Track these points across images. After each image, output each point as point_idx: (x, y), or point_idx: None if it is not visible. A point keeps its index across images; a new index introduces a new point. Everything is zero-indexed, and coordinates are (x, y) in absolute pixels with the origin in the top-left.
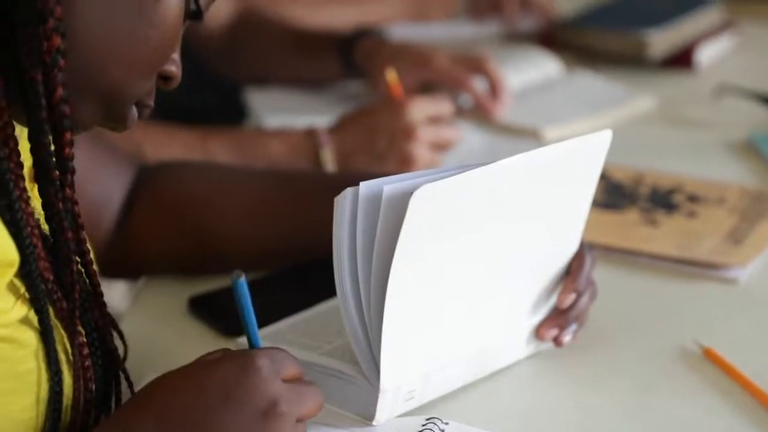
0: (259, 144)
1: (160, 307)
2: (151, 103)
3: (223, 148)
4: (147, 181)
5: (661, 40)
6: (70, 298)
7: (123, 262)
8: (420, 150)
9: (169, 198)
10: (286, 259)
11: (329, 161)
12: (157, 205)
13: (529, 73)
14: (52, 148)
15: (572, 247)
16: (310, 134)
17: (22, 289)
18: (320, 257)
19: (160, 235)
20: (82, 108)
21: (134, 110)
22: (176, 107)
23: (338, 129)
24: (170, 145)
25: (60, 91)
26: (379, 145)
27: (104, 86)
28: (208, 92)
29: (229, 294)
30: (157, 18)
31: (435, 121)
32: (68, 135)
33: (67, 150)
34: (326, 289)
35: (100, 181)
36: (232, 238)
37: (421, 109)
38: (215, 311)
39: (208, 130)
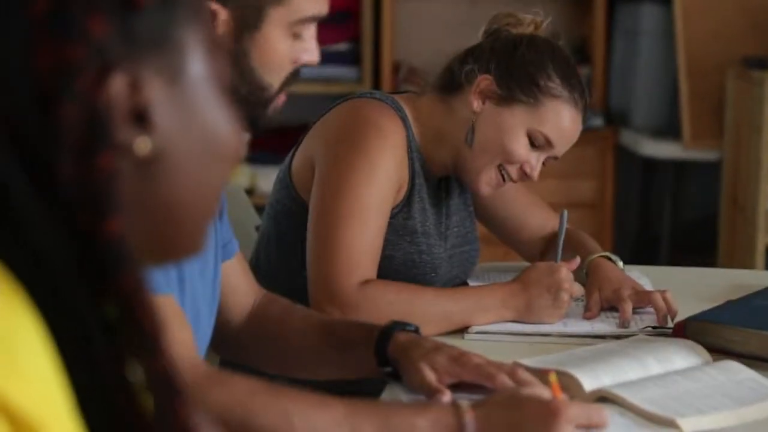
0: (405, 422)
1: None
2: None
3: (370, 425)
4: None
5: None
6: None
7: None
8: None
9: None
10: None
11: None
12: None
13: (674, 362)
14: None
15: None
16: (455, 411)
17: None
18: None
19: None
20: None
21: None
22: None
23: (484, 407)
24: (319, 417)
25: None
26: None
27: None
28: None
29: None
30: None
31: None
32: None
33: None
34: None
35: None
36: None
37: (575, 418)
38: None
39: (356, 404)
